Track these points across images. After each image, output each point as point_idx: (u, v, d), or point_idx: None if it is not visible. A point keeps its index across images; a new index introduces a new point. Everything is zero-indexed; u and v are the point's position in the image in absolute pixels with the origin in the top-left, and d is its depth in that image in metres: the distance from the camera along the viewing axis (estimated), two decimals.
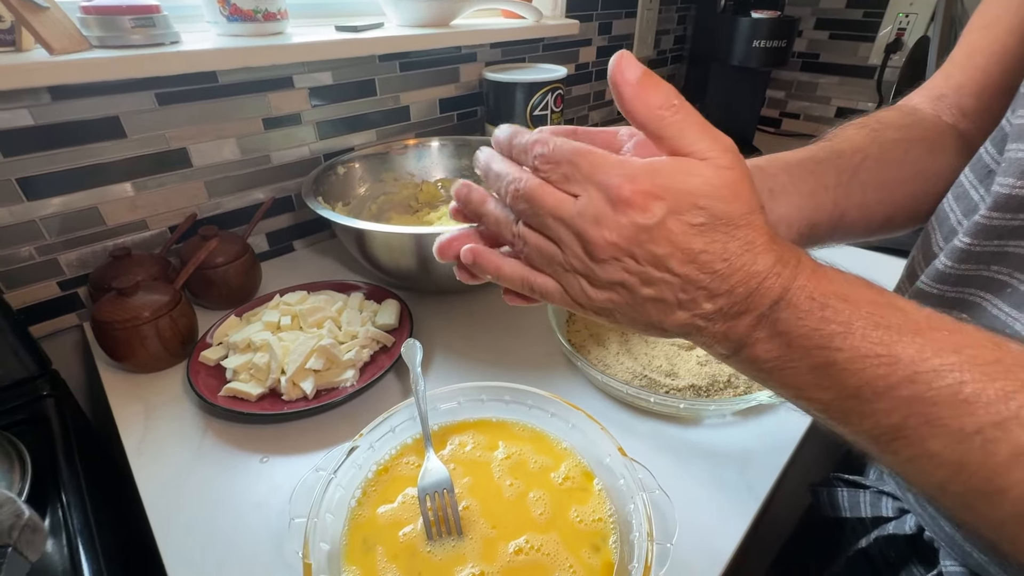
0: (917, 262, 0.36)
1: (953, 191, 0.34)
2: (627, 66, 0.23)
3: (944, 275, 0.31)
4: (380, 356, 0.58)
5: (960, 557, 0.36)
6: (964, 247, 0.30)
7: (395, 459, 0.45)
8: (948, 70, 0.42)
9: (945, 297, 0.32)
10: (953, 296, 0.31)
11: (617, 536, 0.39)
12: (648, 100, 0.23)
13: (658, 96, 0.23)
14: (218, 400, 0.51)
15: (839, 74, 1.31)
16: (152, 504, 0.44)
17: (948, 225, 0.33)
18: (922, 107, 0.41)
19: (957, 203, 0.33)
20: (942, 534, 0.37)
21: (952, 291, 0.31)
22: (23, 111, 0.54)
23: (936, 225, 0.34)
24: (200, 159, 0.68)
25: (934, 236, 0.34)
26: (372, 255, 0.63)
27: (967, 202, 0.32)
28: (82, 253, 0.63)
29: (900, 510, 0.42)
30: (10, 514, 0.29)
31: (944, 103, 0.41)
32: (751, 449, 0.49)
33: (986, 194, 0.30)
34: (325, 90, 0.76)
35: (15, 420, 0.50)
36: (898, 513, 0.42)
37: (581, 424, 0.45)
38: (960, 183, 0.33)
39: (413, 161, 0.86)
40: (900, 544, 0.42)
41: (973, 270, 0.30)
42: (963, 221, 0.32)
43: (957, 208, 0.33)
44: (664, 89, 0.23)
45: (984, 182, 0.31)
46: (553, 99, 0.86)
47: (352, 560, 0.37)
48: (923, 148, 0.37)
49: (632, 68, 0.23)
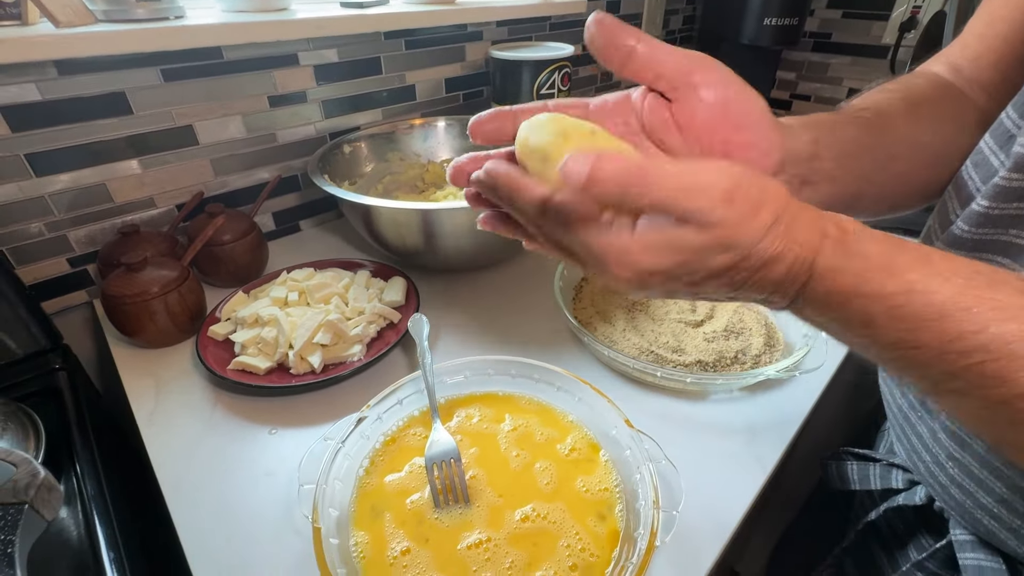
0: (933, 231, 0.35)
1: (972, 159, 0.33)
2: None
3: (960, 240, 0.31)
4: (387, 332, 0.58)
5: (971, 525, 0.36)
6: (982, 210, 0.29)
7: (402, 430, 0.45)
8: (966, 40, 0.40)
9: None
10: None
11: (623, 505, 0.39)
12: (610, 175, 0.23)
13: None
14: (227, 373, 0.51)
15: (851, 54, 1.28)
16: (164, 473, 0.45)
17: (966, 192, 0.32)
18: (946, 77, 0.40)
19: (976, 170, 0.32)
20: (952, 503, 0.37)
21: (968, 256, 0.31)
22: (30, 86, 0.54)
23: (953, 193, 0.34)
24: (206, 137, 0.68)
25: (951, 204, 0.34)
26: (378, 232, 0.63)
27: (986, 168, 0.31)
28: (91, 230, 0.63)
29: (910, 482, 0.42)
30: (26, 473, 0.30)
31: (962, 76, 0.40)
32: (758, 423, 0.49)
33: (1006, 158, 0.30)
34: (330, 68, 0.75)
35: (29, 392, 0.51)
36: (908, 485, 0.42)
37: (587, 397, 0.45)
38: (979, 150, 0.33)
39: (419, 141, 0.85)
40: (908, 515, 0.42)
41: (991, 234, 0.29)
42: (981, 187, 0.31)
43: (976, 175, 0.32)
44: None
45: (1004, 147, 0.30)
46: (560, 77, 0.85)
47: (360, 525, 0.38)
48: (950, 129, 0.36)
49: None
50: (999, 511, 0.33)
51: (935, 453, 0.37)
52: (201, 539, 0.40)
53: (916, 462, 0.40)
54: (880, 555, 0.45)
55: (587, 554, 0.36)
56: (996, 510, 0.33)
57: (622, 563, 0.35)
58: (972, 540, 0.37)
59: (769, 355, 0.54)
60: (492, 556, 0.36)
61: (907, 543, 0.42)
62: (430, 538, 0.37)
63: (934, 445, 0.37)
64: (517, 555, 0.36)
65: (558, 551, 0.36)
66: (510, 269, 0.72)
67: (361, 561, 0.36)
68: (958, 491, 0.36)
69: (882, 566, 0.44)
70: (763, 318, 0.58)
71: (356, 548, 0.36)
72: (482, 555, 0.36)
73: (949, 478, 0.36)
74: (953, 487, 0.36)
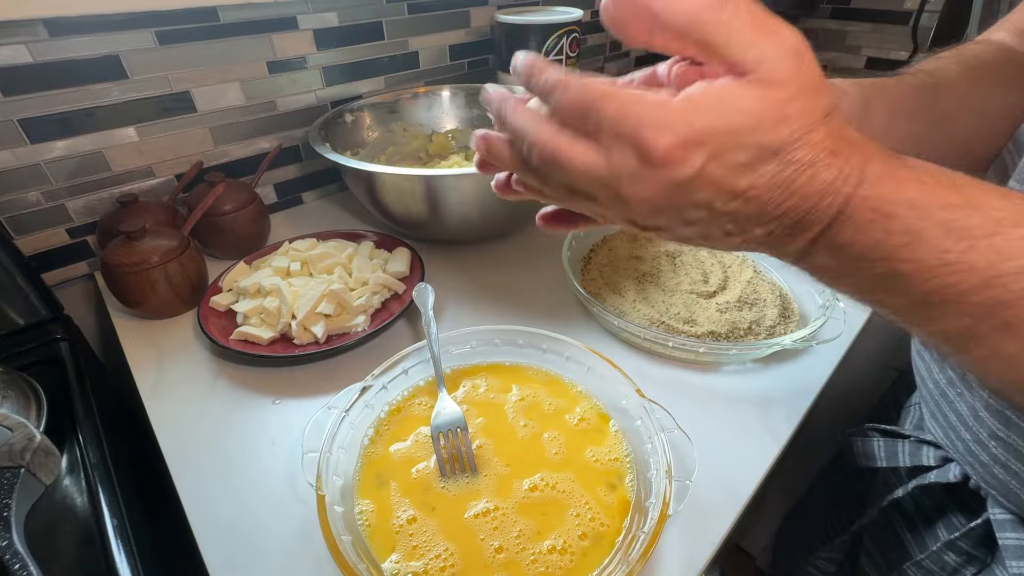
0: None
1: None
2: None
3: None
4: (391, 303, 0.57)
5: (1016, 505, 0.35)
6: None
7: (407, 400, 0.44)
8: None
9: None
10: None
11: (634, 475, 0.38)
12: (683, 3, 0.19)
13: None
14: (230, 343, 0.51)
15: (871, 20, 1.23)
16: (168, 443, 0.44)
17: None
18: (1009, 42, 0.38)
19: None
20: (994, 482, 0.35)
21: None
22: (20, 47, 0.52)
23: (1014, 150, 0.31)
24: (204, 104, 0.66)
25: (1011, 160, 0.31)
26: (382, 201, 0.61)
27: None
28: (89, 200, 0.62)
29: (943, 459, 0.40)
30: (23, 437, 0.29)
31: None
32: (772, 395, 0.47)
33: None
34: (331, 32, 0.72)
35: (30, 362, 0.51)
36: (940, 462, 0.40)
37: (597, 367, 0.44)
38: None
39: (423, 110, 0.83)
40: (938, 493, 0.41)
41: None
42: None
43: None
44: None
45: None
46: (568, 43, 0.82)
47: (365, 494, 0.37)
48: (1017, 93, 0.34)
49: None
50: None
51: (976, 431, 0.35)
52: (205, 508, 0.40)
53: (954, 440, 0.38)
54: (904, 533, 0.43)
55: (597, 523, 0.35)
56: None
57: (633, 532, 0.34)
58: (1013, 519, 0.35)
59: (784, 326, 0.52)
60: (500, 525, 0.35)
61: (935, 522, 0.41)
62: (436, 507, 0.36)
63: (975, 423, 0.35)
64: (525, 524, 0.35)
65: (567, 520, 0.35)
66: (517, 240, 0.70)
67: (366, 529, 0.35)
68: (1002, 471, 0.34)
69: (907, 544, 0.43)
70: (778, 288, 0.57)
71: (361, 516, 0.36)
72: (490, 524, 0.35)
73: (992, 457, 0.34)
74: (996, 467, 0.34)
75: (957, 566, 0.39)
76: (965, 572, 0.39)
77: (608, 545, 0.34)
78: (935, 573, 0.40)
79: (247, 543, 0.37)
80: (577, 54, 0.85)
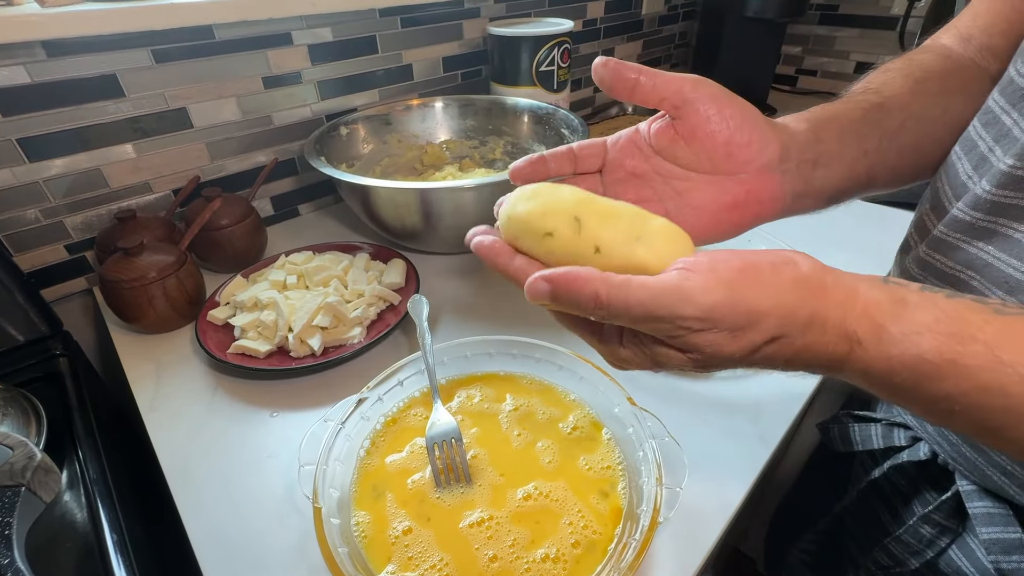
0: (944, 194, 0.34)
1: (980, 118, 0.32)
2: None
3: (981, 201, 0.30)
4: (387, 314, 0.58)
5: (980, 481, 0.37)
6: (1007, 169, 0.28)
7: (403, 411, 0.45)
8: (976, 8, 0.40)
9: (976, 227, 0.30)
10: (984, 225, 0.30)
11: (626, 483, 0.39)
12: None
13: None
14: (228, 357, 0.51)
15: (859, 26, 1.25)
16: (166, 457, 0.45)
17: (977, 153, 0.31)
18: (954, 48, 0.39)
19: (985, 129, 0.31)
20: (962, 459, 0.38)
21: (985, 220, 0.30)
22: (19, 68, 0.53)
23: (962, 154, 0.33)
24: (201, 119, 0.67)
25: (960, 165, 0.33)
26: (377, 214, 0.62)
27: (998, 128, 0.30)
28: (87, 216, 0.63)
29: (913, 439, 0.43)
30: (23, 456, 0.29)
31: (973, 44, 0.39)
32: (763, 400, 0.48)
33: (1020, 118, 0.29)
34: (325, 47, 0.74)
35: (30, 378, 0.51)
36: (910, 442, 0.43)
37: (590, 376, 0.44)
38: (988, 109, 0.31)
39: (417, 122, 0.84)
40: (910, 471, 0.43)
41: (1012, 197, 0.28)
42: (994, 147, 0.30)
43: (986, 134, 0.31)
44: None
45: (1017, 106, 0.29)
46: (560, 54, 0.83)
47: (362, 505, 0.37)
48: (960, 100, 0.35)
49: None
50: (1012, 468, 0.34)
51: None
52: (204, 521, 0.40)
53: (923, 421, 0.40)
54: (882, 512, 0.46)
55: (590, 531, 0.36)
56: (1010, 467, 0.34)
57: (625, 539, 0.34)
58: (978, 490, 0.38)
59: None
60: (494, 534, 0.36)
61: (911, 498, 0.43)
62: (432, 517, 0.37)
63: None
64: (519, 533, 0.36)
65: (560, 528, 0.36)
66: None
67: (363, 540, 0.35)
68: (969, 449, 0.36)
69: (885, 522, 0.45)
70: None
71: (358, 528, 0.36)
72: (484, 533, 0.36)
73: (960, 437, 0.37)
74: (964, 446, 0.37)
75: (932, 537, 0.41)
76: (940, 542, 0.40)
77: (601, 553, 0.35)
78: (913, 546, 0.41)
79: (245, 556, 0.38)
80: (568, 64, 0.86)
